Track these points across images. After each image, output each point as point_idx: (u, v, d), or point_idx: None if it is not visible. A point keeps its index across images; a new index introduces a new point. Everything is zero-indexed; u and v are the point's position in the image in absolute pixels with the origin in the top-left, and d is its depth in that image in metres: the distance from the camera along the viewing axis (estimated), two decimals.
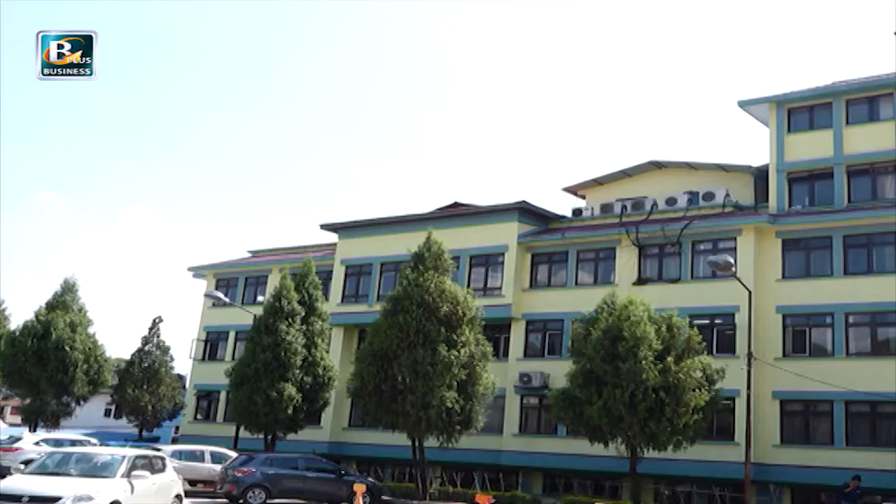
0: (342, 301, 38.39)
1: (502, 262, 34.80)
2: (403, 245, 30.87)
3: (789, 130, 32.13)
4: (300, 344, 32.08)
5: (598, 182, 36.58)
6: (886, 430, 26.93)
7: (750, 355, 25.05)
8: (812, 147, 31.40)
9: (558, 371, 29.31)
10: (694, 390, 24.82)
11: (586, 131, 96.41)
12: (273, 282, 38.50)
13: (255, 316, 33.27)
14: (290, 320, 32.34)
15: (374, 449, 35.17)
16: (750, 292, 25.74)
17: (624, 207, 34.23)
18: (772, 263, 30.04)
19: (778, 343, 29.00)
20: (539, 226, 35.57)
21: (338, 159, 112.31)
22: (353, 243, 39.00)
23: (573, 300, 32.00)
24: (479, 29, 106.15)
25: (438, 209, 38.70)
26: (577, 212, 35.87)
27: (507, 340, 34.22)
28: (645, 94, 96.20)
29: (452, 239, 32.12)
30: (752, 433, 24.69)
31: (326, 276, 38.37)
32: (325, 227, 40.30)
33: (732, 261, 25.25)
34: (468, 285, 33.06)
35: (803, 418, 28.46)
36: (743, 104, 33.18)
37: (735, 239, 30.57)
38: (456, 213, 37.15)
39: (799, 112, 32.32)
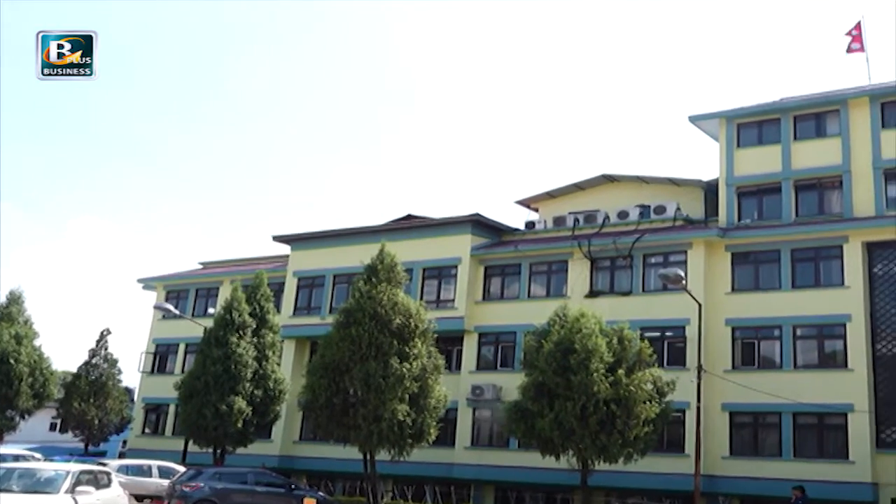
0: (294, 313, 38.10)
1: (455, 275, 34.80)
2: (356, 257, 30.67)
3: (739, 145, 32.59)
4: (251, 357, 31.73)
5: (551, 195, 36.75)
6: (833, 442, 27.32)
7: (700, 368, 25.27)
8: (761, 162, 31.87)
9: (511, 384, 29.31)
10: (645, 403, 24.89)
11: (540, 145, 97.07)
12: (224, 294, 38.08)
13: (205, 328, 32.84)
14: (241, 333, 31.98)
15: (324, 463, 34.88)
16: (700, 305, 25.95)
17: (576, 220, 34.43)
18: (721, 276, 30.39)
19: (727, 355, 29.32)
20: (492, 238, 35.65)
21: (292, 171, 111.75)
22: (306, 255, 38.74)
23: (526, 313, 32.03)
24: (436, 42, 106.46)
25: (392, 221, 38.61)
26: (530, 224, 36.01)
27: (460, 353, 34.22)
28: (598, 108, 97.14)
29: (406, 251, 31.96)
30: (701, 445, 24.86)
31: (278, 289, 38.04)
32: (278, 238, 39.99)
33: (683, 274, 25.42)
34: (421, 298, 32.94)
35: (752, 430, 28.75)
36: (694, 119, 33.60)
37: (685, 252, 30.90)
38: (409, 226, 37.08)
39: (748, 127, 32.80)
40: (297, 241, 39.44)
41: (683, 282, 25.06)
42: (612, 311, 29.31)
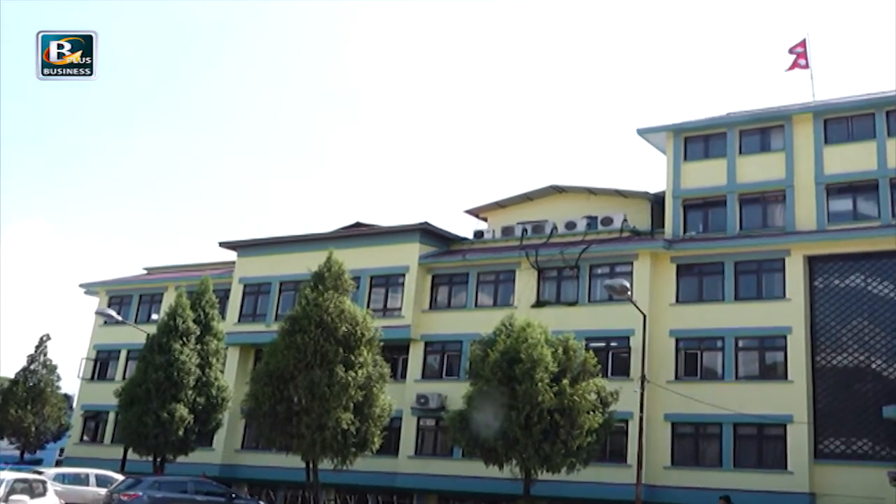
0: (239, 320, 37.69)
1: (403, 283, 34.68)
2: (304, 264, 30.42)
3: (685, 158, 32.96)
4: (194, 364, 31.31)
5: (499, 205, 36.84)
6: (772, 453, 27.64)
7: (643, 378, 25.40)
8: (707, 175, 32.26)
9: (456, 393, 29.20)
10: (588, 412, 25.00)
11: (490, 155, 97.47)
12: (169, 300, 37.57)
13: (148, 335, 32.38)
14: (184, 339, 31.56)
15: (266, 471, 34.46)
16: (644, 316, 26.15)
17: (525, 230, 34.53)
18: (666, 288, 30.66)
19: (670, 366, 29.56)
20: (440, 247, 35.61)
21: (240, 178, 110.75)
22: (253, 262, 38.36)
23: (472, 322, 32.01)
24: (388, 50, 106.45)
25: (340, 229, 38.38)
26: (479, 234, 36.04)
27: (406, 361, 34.08)
28: (548, 119, 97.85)
29: (353, 259, 31.85)
30: (643, 455, 24.96)
31: (224, 295, 37.62)
32: (225, 244, 39.56)
33: (628, 285, 25.63)
34: (368, 306, 32.79)
35: (693, 440, 28.97)
36: (642, 132, 33.92)
37: (632, 263, 31.11)
38: (357, 234, 36.89)
39: (695, 141, 33.18)
40: (243, 247, 39.04)
41: (629, 293, 25.27)
42: (559, 321, 29.36)
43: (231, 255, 40.05)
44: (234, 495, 28.17)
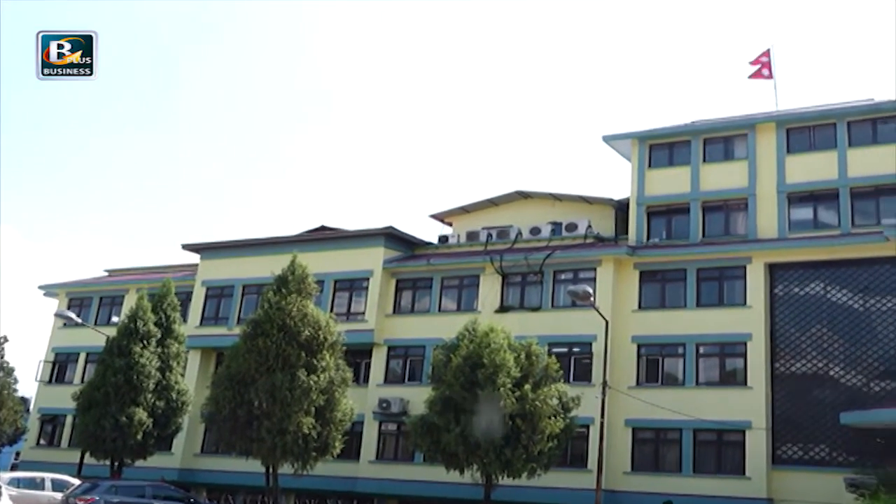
0: (201, 323, 37.36)
1: (367, 288, 34.56)
2: (267, 268, 30.23)
3: (650, 166, 33.14)
4: (154, 367, 30.98)
5: (465, 210, 36.84)
6: (731, 458, 27.82)
7: (605, 384, 25.46)
8: (671, 183, 32.46)
9: (418, 397, 29.17)
10: (550, 418, 25.08)
11: (456, 159, 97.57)
12: (130, 302, 37.19)
13: (107, 337, 32.01)
14: (144, 342, 31.23)
15: (226, 476, 34.15)
16: (607, 322, 26.27)
17: (489, 236, 34.54)
18: (629, 294, 30.79)
19: (632, 372, 29.68)
20: (405, 252, 35.55)
21: (204, 180, 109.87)
22: (216, 264, 38.06)
23: (436, 327, 31.91)
24: (353, 54, 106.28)
25: (305, 232, 38.20)
26: (444, 239, 35.99)
27: (369, 366, 33.96)
28: (514, 124, 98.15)
29: (317, 263, 31.69)
30: (603, 460, 25.01)
31: (186, 298, 37.27)
32: (187, 247, 39.22)
33: (591, 291, 25.74)
34: (331, 310, 32.62)
35: (654, 446, 29.10)
36: (607, 139, 34.08)
37: (595, 269, 31.21)
38: (322, 237, 36.73)
39: (659, 148, 33.39)
40: (206, 249, 38.73)
41: (592, 298, 25.40)
42: (522, 326, 29.47)
43: (194, 258, 39.72)
44: (192, 500, 27.92)
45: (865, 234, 28.34)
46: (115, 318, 38.98)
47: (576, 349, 30.42)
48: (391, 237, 35.17)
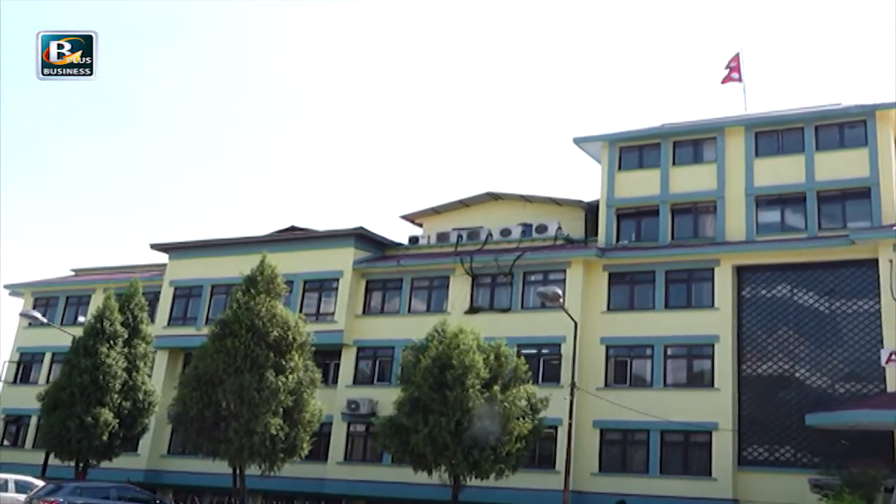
0: (169, 323, 37.07)
1: (336, 288, 34.45)
2: (237, 268, 30.07)
3: (620, 168, 33.26)
4: (121, 367, 30.76)
5: (435, 211, 36.82)
6: (698, 459, 27.99)
7: (573, 385, 25.57)
8: (640, 185, 32.60)
9: (387, 398, 29.14)
10: (518, 419, 25.17)
11: (427, 160, 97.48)
12: (97, 302, 36.84)
13: (74, 337, 31.73)
14: (111, 342, 31.01)
15: (192, 477, 33.88)
16: (576, 323, 26.35)
17: (460, 237, 34.55)
18: (598, 296, 30.90)
19: (600, 373, 29.78)
20: (375, 252, 35.49)
21: (174, 179, 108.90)
22: (184, 264, 37.80)
23: (405, 327, 31.86)
24: (325, 54, 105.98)
25: (274, 232, 38.05)
26: (414, 240, 35.96)
27: (338, 367, 33.84)
28: (485, 126, 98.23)
29: (287, 263, 31.64)
30: (571, 461, 25.09)
31: (154, 298, 37.03)
32: (156, 246, 38.93)
33: (560, 292, 25.87)
34: (300, 310, 32.50)
35: (621, 447, 29.21)
36: (578, 141, 34.16)
37: (565, 271, 31.30)
38: (292, 237, 36.57)
39: (629, 151, 33.51)
40: (175, 249, 38.45)
41: (561, 300, 25.52)
42: (491, 327, 29.50)
43: (162, 258, 39.42)
44: (158, 501, 27.68)
45: (832, 237, 28.60)
46: (81, 318, 38.66)
47: (545, 350, 30.52)
48: (361, 238, 35.09)
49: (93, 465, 30.74)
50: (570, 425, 25.20)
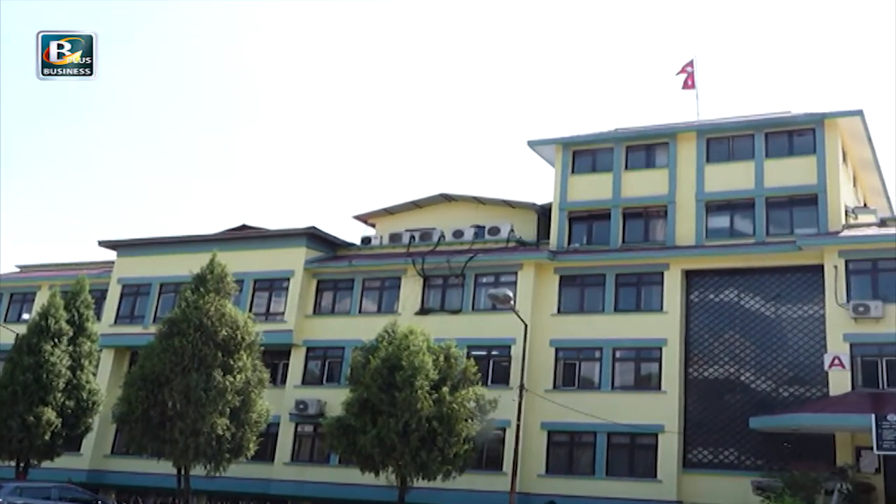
0: (116, 322, 36.57)
1: (287, 288, 34.26)
2: (186, 266, 29.78)
3: (573, 172, 33.41)
4: (65, 366, 30.19)
5: (388, 211, 36.72)
6: (643, 462, 28.17)
7: (522, 387, 25.64)
8: (593, 189, 32.77)
9: (335, 399, 29.06)
10: (466, 420, 25.17)
11: (380, 161, 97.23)
12: (42, 299, 36.20)
13: (17, 335, 31.13)
14: (55, 340, 30.43)
15: (136, 477, 33.44)
16: (526, 326, 26.44)
17: (412, 238, 34.50)
18: (549, 298, 31.01)
19: (549, 375, 29.91)
20: (327, 252, 35.31)
21: (125, 176, 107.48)
22: (133, 262, 37.31)
23: (356, 328, 31.76)
24: (279, 54, 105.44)
25: (225, 231, 37.68)
26: (366, 240, 35.83)
27: (286, 367, 33.61)
28: (439, 127, 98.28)
29: (238, 262, 31.39)
30: (518, 463, 25.14)
31: (101, 296, 36.47)
32: (104, 243, 38.37)
33: (511, 294, 25.91)
34: (250, 310, 32.22)
35: (568, 449, 29.35)
36: (532, 144, 34.28)
37: (516, 273, 31.40)
38: (243, 236, 36.28)
39: (583, 155, 33.68)
40: (123, 246, 37.93)
41: (511, 302, 25.58)
42: (442, 328, 29.52)
43: (111, 255, 38.86)
44: (100, 502, 27.25)
45: (779, 243, 28.98)
46: (25, 316, 38.03)
47: (494, 352, 30.57)
48: (313, 237, 34.91)
49: (34, 464, 30.12)
50: (517, 427, 25.26)
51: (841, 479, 23.79)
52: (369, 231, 37.15)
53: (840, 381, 26.12)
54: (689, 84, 34.97)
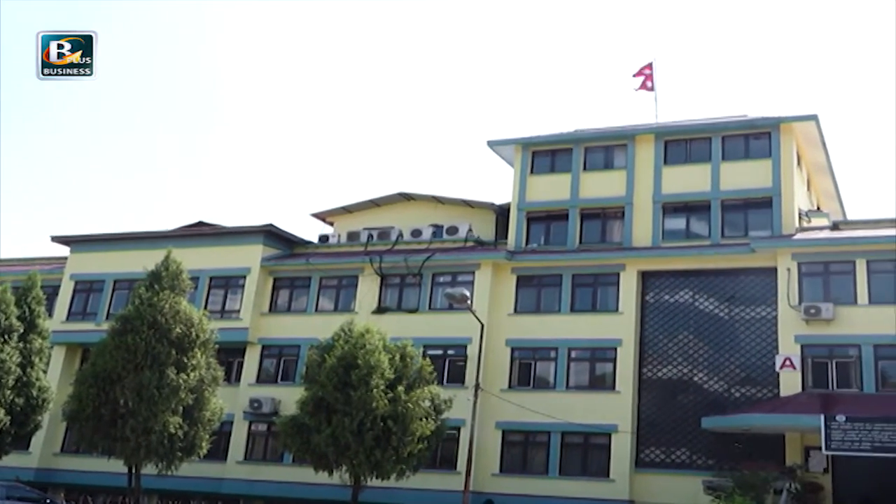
0: (68, 318, 36.04)
1: (243, 285, 34.00)
2: (140, 262, 29.41)
3: (532, 172, 33.49)
4: (14, 363, 29.56)
5: (347, 210, 36.56)
6: (597, 461, 28.32)
7: (477, 386, 25.67)
8: (551, 189, 32.87)
9: (290, 398, 28.85)
10: (421, 419, 25.12)
11: (340, 159, 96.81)
12: None
13: None
14: (5, 337, 29.80)
15: (86, 476, 32.94)
16: (483, 325, 26.44)
17: (370, 236, 34.42)
18: (506, 298, 31.07)
19: (505, 375, 29.96)
20: (284, 250, 35.09)
21: (80, 172, 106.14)
22: (86, 258, 36.80)
23: (312, 326, 31.60)
24: (236, 51, 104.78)
25: (181, 227, 37.27)
26: (324, 238, 35.67)
27: (241, 365, 33.36)
28: (399, 126, 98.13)
29: (193, 259, 31.22)
30: (472, 462, 25.15)
31: (53, 292, 35.87)
32: (57, 239, 37.83)
33: (468, 294, 25.93)
34: (206, 307, 31.88)
35: (522, 448, 29.42)
36: (492, 144, 34.31)
37: (473, 273, 31.43)
38: (198, 233, 35.93)
39: (542, 155, 33.78)
40: (77, 242, 37.40)
41: (468, 301, 25.60)
42: (399, 327, 29.45)
43: (64, 251, 38.32)
44: (49, 501, 26.83)
45: (733, 245, 29.26)
46: None
47: (451, 352, 30.58)
48: (271, 235, 34.69)
49: None
50: (472, 426, 25.27)
51: (790, 479, 24.09)
52: (327, 229, 36.96)
53: (791, 382, 26.44)
54: (647, 86, 35.18)
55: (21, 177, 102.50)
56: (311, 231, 44.09)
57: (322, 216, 37.36)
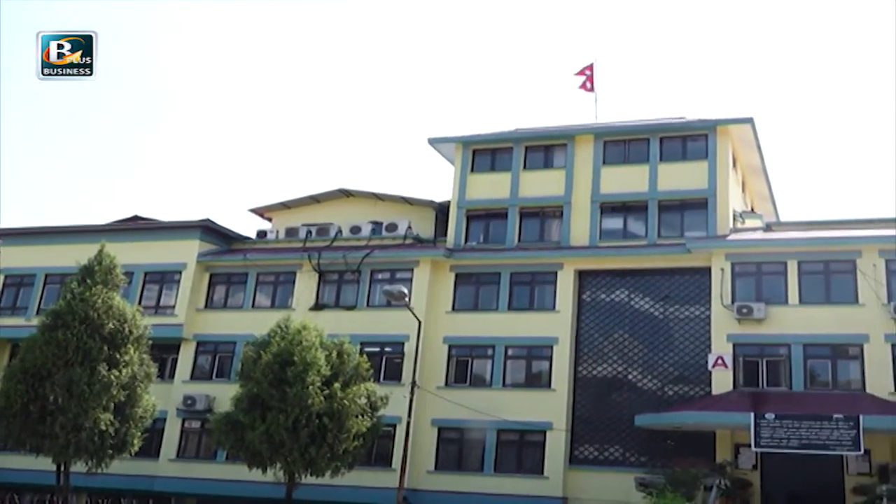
0: None
1: (178, 281, 33.53)
2: (73, 257, 28.72)
3: (472, 170, 33.53)
4: None
5: (285, 205, 36.25)
6: (531, 458, 28.50)
7: (413, 383, 25.70)
8: (491, 188, 32.94)
9: (225, 395, 28.43)
10: (357, 416, 25.03)
11: (278, 155, 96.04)
12: None
13: None
14: None
15: (12, 474, 32.08)
16: (420, 322, 26.42)
17: (309, 232, 34.19)
18: (444, 295, 31.11)
19: (442, 372, 29.99)
20: (221, 246, 34.70)
21: (13, 165, 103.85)
22: (16, 252, 35.95)
23: (249, 323, 31.29)
24: (176, 47, 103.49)
25: (116, 222, 36.63)
26: (262, 234, 35.34)
27: (175, 361, 32.91)
28: (339, 122, 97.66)
29: (128, 253, 30.66)
30: (407, 459, 25.12)
31: None
32: None
33: (406, 291, 25.90)
34: (140, 302, 31.43)
35: (458, 445, 29.48)
36: (432, 141, 34.29)
37: (412, 270, 31.40)
38: (134, 227, 35.34)
39: (483, 154, 33.83)
40: (7, 235, 36.53)
41: (406, 299, 25.58)
42: (336, 324, 29.28)
43: None
44: None
45: (669, 245, 29.61)
46: None
47: (388, 349, 30.53)
48: (207, 230, 34.27)
49: None
50: (408, 423, 25.26)
51: (720, 476, 24.44)
52: (265, 225, 36.59)
53: (722, 381, 26.86)
54: (588, 87, 35.44)
55: None
56: (248, 227, 43.72)
57: (260, 212, 36.98)
